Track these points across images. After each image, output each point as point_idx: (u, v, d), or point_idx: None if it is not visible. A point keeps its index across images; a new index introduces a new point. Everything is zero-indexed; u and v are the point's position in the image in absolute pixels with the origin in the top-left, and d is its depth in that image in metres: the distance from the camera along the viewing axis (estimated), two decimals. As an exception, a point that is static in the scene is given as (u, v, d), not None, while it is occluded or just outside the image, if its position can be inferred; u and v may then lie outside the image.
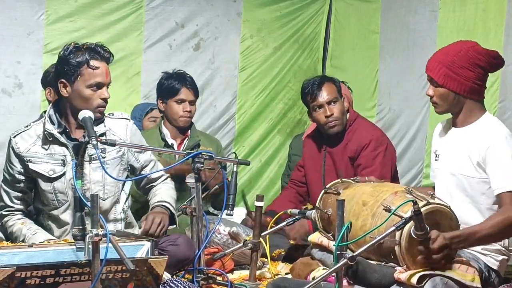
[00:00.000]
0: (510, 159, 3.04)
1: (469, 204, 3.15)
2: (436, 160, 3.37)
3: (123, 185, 3.46)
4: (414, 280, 2.87)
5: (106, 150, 3.31)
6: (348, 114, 4.24)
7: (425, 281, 2.87)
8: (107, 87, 3.26)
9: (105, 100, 3.25)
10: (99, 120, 3.32)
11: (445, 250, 2.85)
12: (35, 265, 2.43)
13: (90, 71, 3.19)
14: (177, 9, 5.33)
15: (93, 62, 3.19)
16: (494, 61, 3.19)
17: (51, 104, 3.40)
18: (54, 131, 3.26)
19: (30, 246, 2.74)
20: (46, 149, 3.27)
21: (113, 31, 5.11)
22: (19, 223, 3.28)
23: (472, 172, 3.13)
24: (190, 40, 5.40)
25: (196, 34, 5.41)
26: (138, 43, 5.20)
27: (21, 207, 3.34)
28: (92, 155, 3.27)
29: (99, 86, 3.22)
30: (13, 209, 3.32)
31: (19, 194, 3.33)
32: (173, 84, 4.38)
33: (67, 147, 3.27)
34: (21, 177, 3.29)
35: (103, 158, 3.28)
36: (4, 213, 3.33)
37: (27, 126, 3.35)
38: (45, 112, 4.21)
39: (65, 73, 3.19)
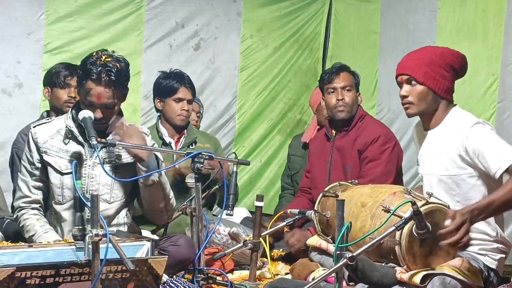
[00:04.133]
0: (493, 137, 3.02)
1: (459, 203, 3.12)
2: (418, 165, 3.36)
3: (132, 191, 3.46)
4: (417, 279, 2.87)
5: (121, 156, 3.34)
6: (358, 109, 4.26)
7: (428, 280, 2.88)
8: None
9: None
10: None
11: (465, 226, 2.72)
12: (35, 265, 2.43)
13: None
14: (177, 9, 5.33)
15: None
16: (465, 65, 3.22)
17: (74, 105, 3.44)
18: (74, 128, 3.29)
19: (30, 246, 2.74)
20: (65, 144, 3.31)
21: (113, 31, 5.12)
22: (34, 218, 3.30)
23: (455, 170, 3.10)
24: (190, 40, 5.40)
25: (196, 34, 5.42)
26: (138, 43, 5.20)
27: (38, 197, 3.35)
28: (105, 158, 3.30)
29: None
30: (31, 199, 3.33)
31: (37, 184, 3.34)
32: (171, 83, 4.39)
33: (83, 146, 3.29)
34: (39, 165, 3.32)
35: (117, 163, 3.32)
36: (21, 204, 3.35)
37: (48, 119, 3.43)
38: (45, 112, 4.26)
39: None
